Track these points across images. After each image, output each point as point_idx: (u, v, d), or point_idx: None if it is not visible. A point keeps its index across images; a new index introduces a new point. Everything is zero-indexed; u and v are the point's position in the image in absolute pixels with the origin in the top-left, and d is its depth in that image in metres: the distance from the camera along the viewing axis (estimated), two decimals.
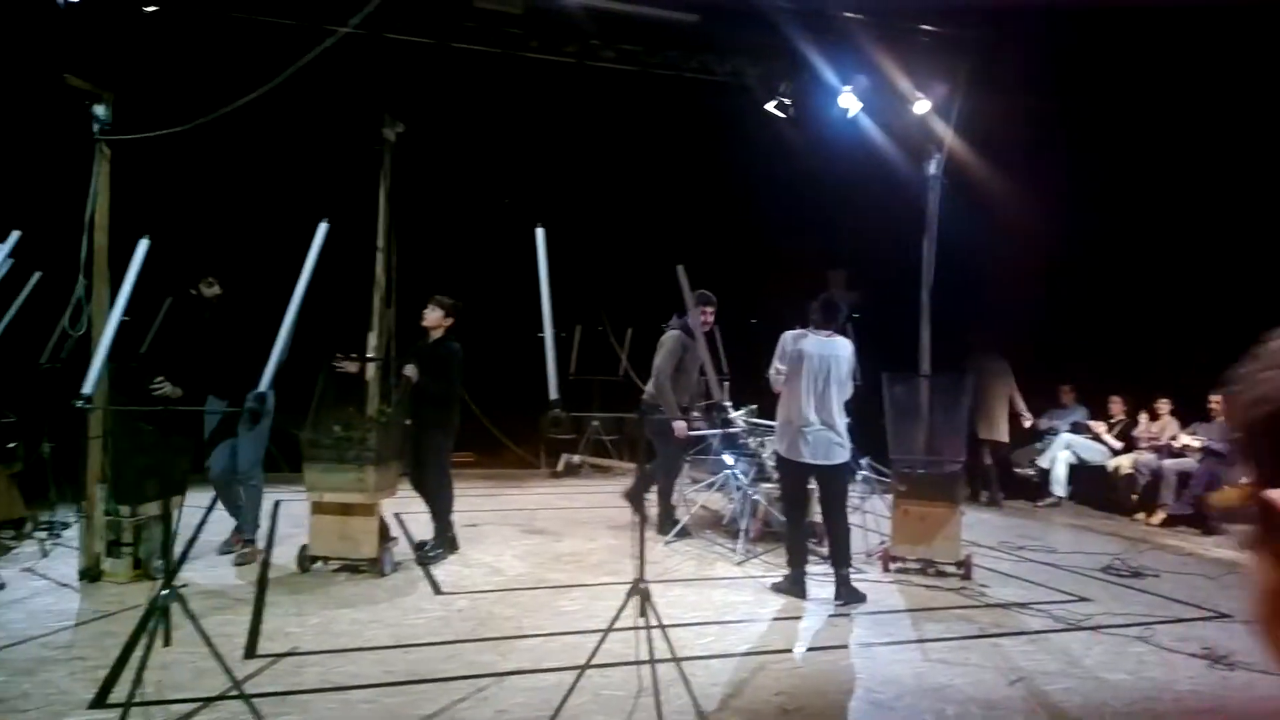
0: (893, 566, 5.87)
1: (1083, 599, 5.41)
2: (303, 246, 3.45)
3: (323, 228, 3.33)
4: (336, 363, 5.77)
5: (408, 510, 6.79)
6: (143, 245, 3.29)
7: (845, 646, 4.46)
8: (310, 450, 5.47)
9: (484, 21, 8.26)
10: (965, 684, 3.96)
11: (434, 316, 6.03)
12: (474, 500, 7.78)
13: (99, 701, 3.48)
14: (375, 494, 5.46)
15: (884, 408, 5.96)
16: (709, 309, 7.07)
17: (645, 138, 10.84)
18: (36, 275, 5.50)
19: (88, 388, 3.07)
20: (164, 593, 3.11)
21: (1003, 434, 8.90)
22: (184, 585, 3.27)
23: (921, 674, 4.06)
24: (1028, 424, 9.06)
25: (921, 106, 8.32)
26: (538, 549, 6.52)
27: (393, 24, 7.77)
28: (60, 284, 5.93)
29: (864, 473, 6.67)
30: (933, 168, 6.23)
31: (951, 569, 5.75)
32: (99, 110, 5.04)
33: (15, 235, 4.28)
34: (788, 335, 5.29)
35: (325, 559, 5.53)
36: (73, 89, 4.98)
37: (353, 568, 5.49)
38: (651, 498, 6.92)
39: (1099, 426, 9.23)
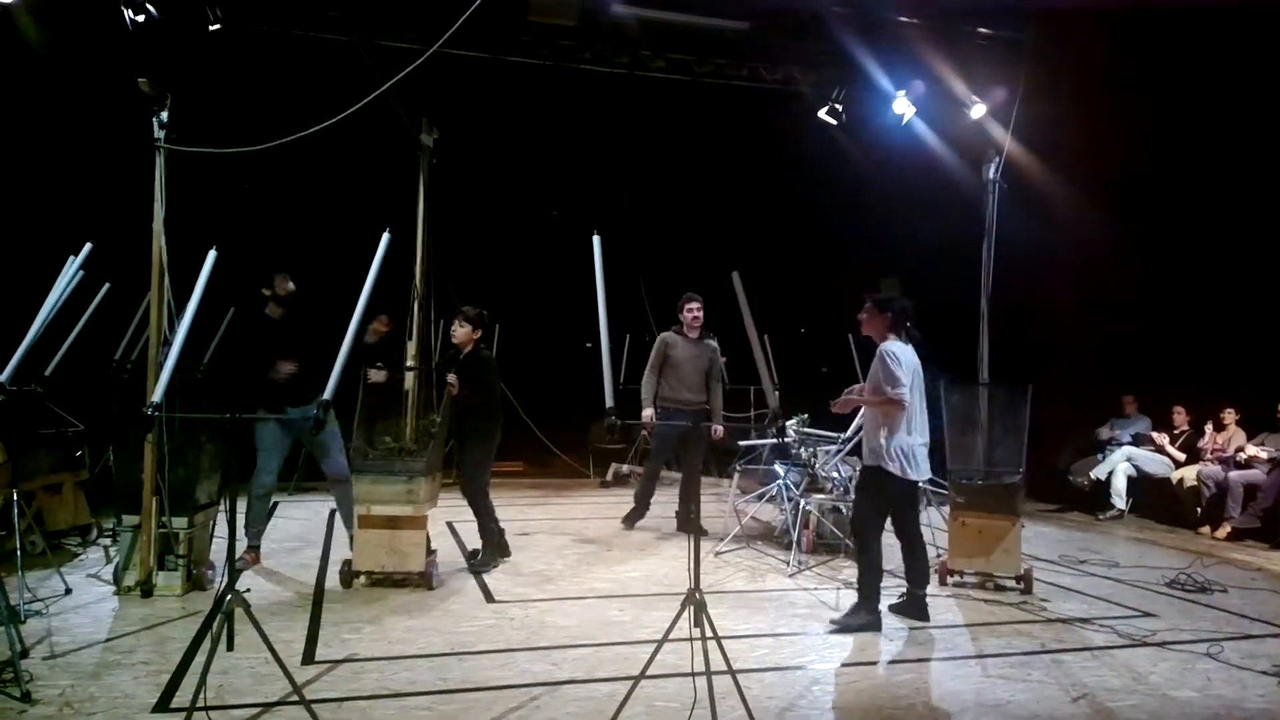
0: (950, 580, 5.76)
1: (1147, 614, 5.25)
2: (351, 254, 3.50)
3: (385, 238, 3.38)
4: (364, 373, 5.77)
5: (460, 519, 6.85)
6: (211, 255, 3.37)
7: (902, 661, 4.38)
8: (359, 462, 5.45)
9: (537, 34, 8.36)
10: (1027, 699, 3.86)
11: (463, 333, 5.95)
12: (524, 509, 7.82)
13: (163, 705, 3.55)
14: (423, 506, 5.43)
15: (941, 417, 5.85)
16: (691, 305, 7.25)
17: (697, 146, 10.85)
18: (105, 286, 5.64)
19: (157, 396, 3.14)
20: (228, 596, 3.16)
21: None
22: (247, 590, 3.32)
23: (982, 690, 3.97)
24: None
25: (978, 110, 8.21)
26: (588, 558, 6.52)
27: (447, 37, 7.91)
28: (129, 294, 6.12)
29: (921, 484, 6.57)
30: (991, 171, 6.11)
31: (1011, 583, 5.62)
32: (161, 117, 5.17)
33: (87, 248, 4.40)
34: (895, 349, 4.85)
35: (370, 573, 5.44)
36: (139, 99, 5.12)
37: (399, 582, 5.44)
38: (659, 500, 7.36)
39: (1162, 438, 8.98)
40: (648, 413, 7.18)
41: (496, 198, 10.96)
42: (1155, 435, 9.05)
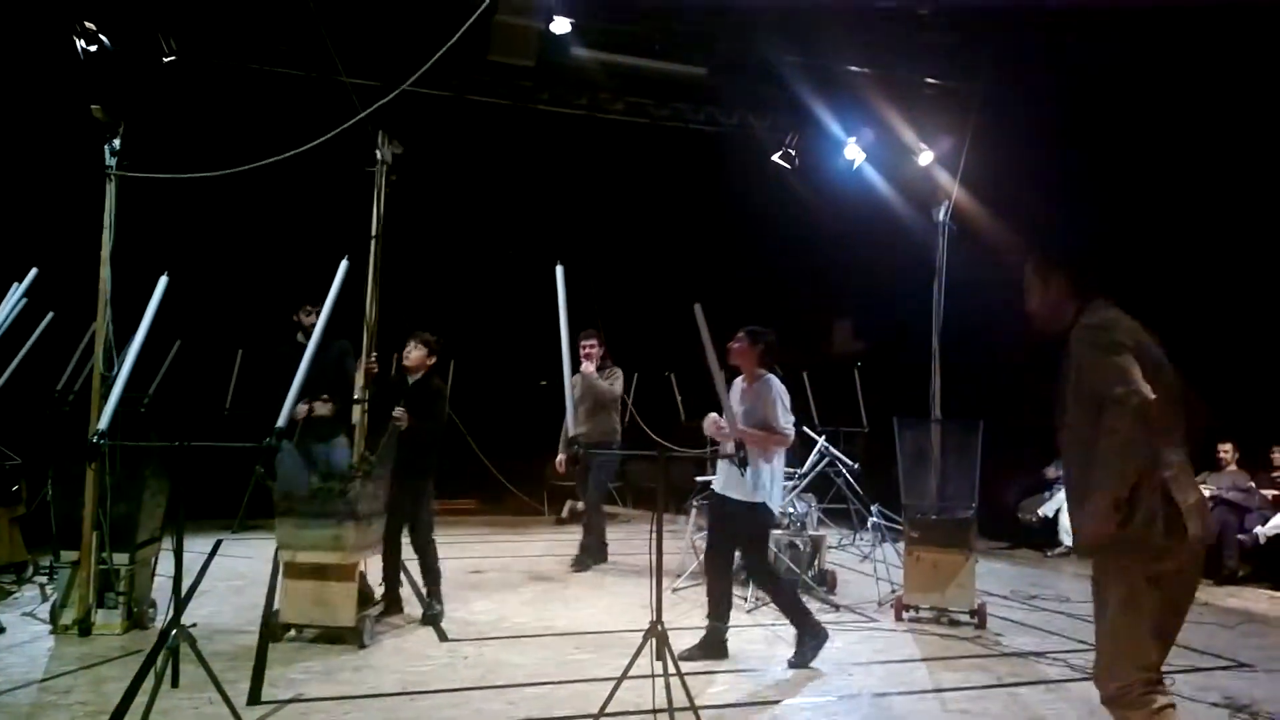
0: (906, 615, 5.78)
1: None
2: (310, 281, 3.45)
3: (344, 265, 3.35)
4: (307, 404, 5.33)
5: (411, 557, 6.70)
6: (162, 282, 3.30)
7: (858, 696, 4.37)
8: (283, 503, 4.90)
9: (496, 74, 8.42)
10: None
11: (418, 355, 5.54)
12: (478, 547, 7.70)
13: None
14: (354, 554, 4.88)
15: (896, 453, 5.93)
16: (585, 343, 7.41)
17: (655, 185, 10.98)
18: (49, 315, 5.49)
19: (103, 424, 3.05)
20: (173, 631, 3.05)
21: None
22: (193, 625, 3.21)
23: None
24: None
25: (926, 158, 8.44)
26: (543, 595, 6.43)
27: (417, 76, 7.95)
28: (73, 323, 5.96)
29: (875, 519, 6.62)
30: (941, 214, 6.28)
31: (965, 617, 5.67)
32: (114, 144, 5.10)
33: (33, 273, 4.29)
34: (779, 384, 4.92)
35: (298, 626, 4.99)
36: (90, 126, 5.05)
37: (331, 637, 4.94)
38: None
39: None
40: (560, 457, 7.43)
41: (455, 233, 10.95)
42: None
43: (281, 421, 3.01)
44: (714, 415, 4.88)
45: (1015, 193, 8.38)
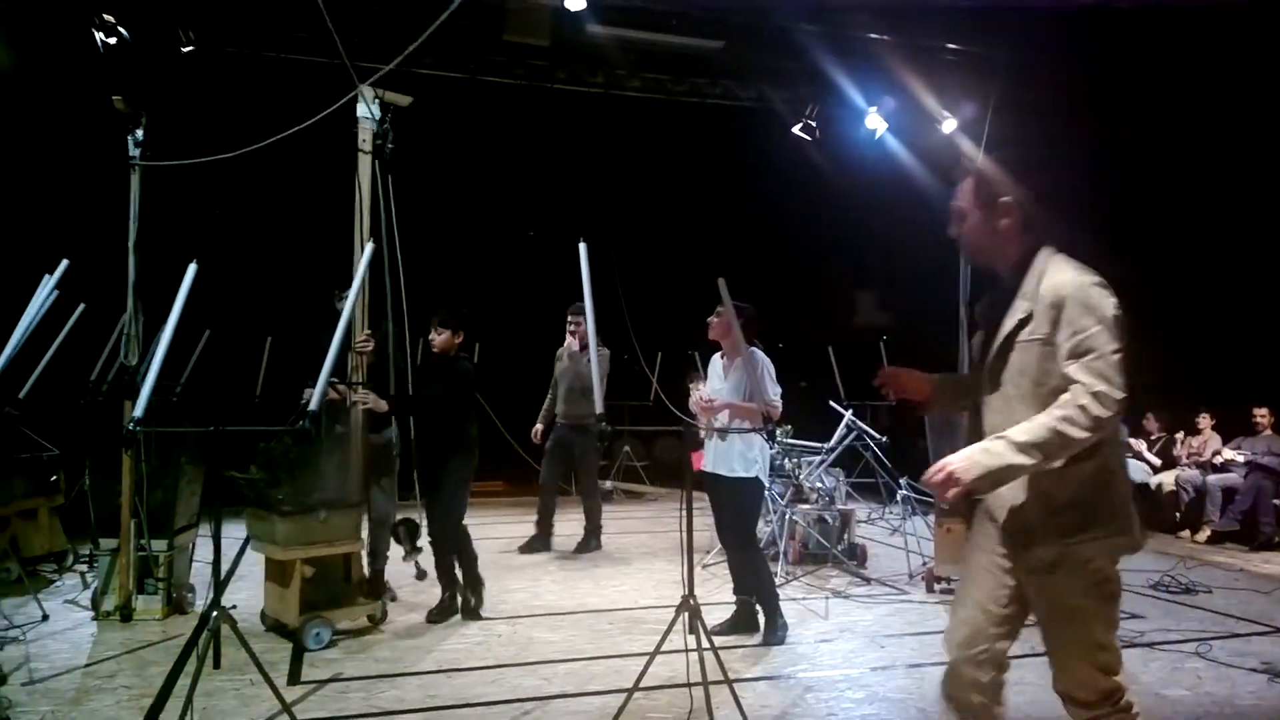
0: (937, 587, 5.77)
1: (1134, 615, 5.28)
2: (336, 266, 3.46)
3: (369, 248, 3.36)
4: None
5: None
6: (191, 270, 3.33)
7: (893, 667, 4.37)
8: (249, 491, 4.73)
9: (511, 54, 8.38)
10: (1022, 702, 3.85)
11: (443, 339, 5.21)
12: (508, 528, 7.75)
13: None
14: (289, 550, 4.55)
15: (924, 427, 5.89)
16: (571, 318, 7.23)
17: (674, 161, 10.91)
18: (80, 307, 5.55)
19: (138, 412, 3.09)
20: (214, 614, 3.10)
21: None
22: (233, 606, 3.26)
23: None
24: None
25: (949, 125, 8.33)
26: (573, 574, 6.48)
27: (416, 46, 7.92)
28: (105, 314, 6.03)
29: (904, 492, 6.59)
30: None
31: None
32: (137, 135, 5.13)
33: (63, 265, 4.34)
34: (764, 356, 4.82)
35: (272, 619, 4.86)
36: (114, 116, 5.08)
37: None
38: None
39: (1139, 444, 9.07)
40: (535, 429, 7.43)
41: (476, 215, 10.96)
42: (1132, 441, 9.13)
43: (314, 405, 3.03)
44: (698, 393, 4.86)
45: (1041, 158, 8.26)
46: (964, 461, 2.23)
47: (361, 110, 5.12)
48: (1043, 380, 2.31)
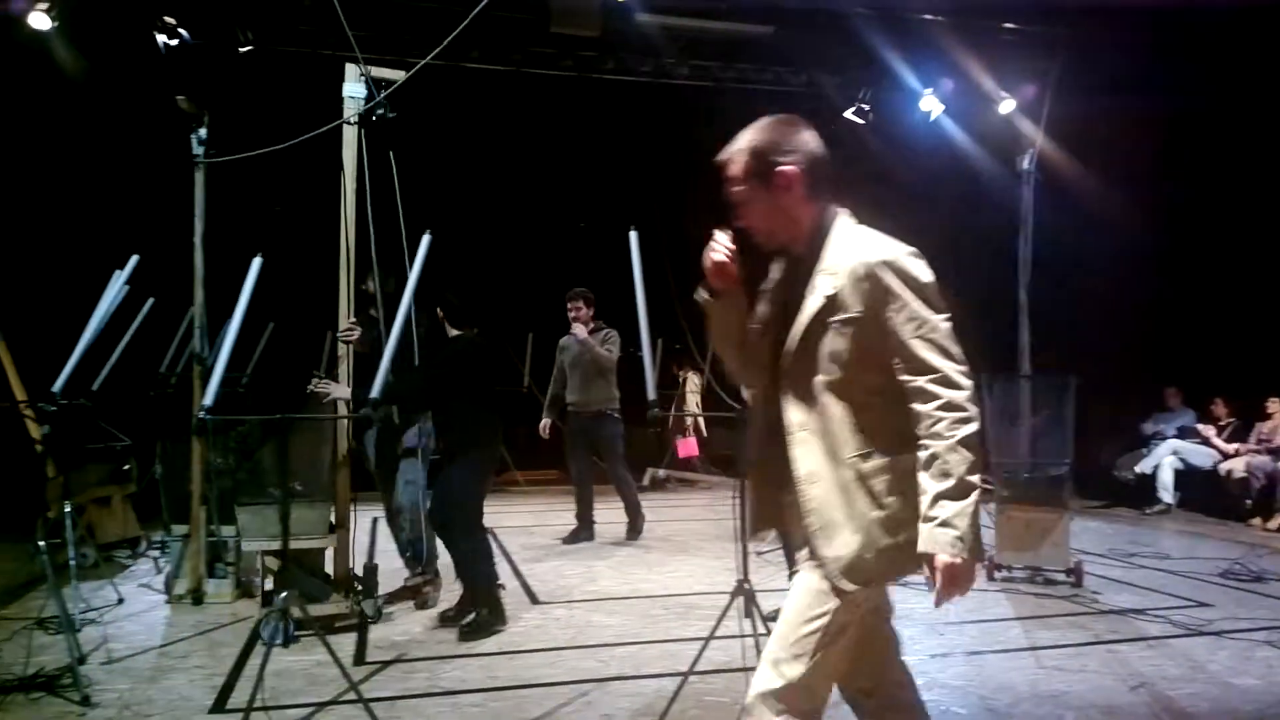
0: (998, 575, 5.68)
1: (1202, 604, 5.15)
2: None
3: (426, 239, 3.42)
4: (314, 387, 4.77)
5: (501, 525, 6.87)
6: (256, 263, 3.42)
7: (952, 654, 4.33)
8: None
9: (560, 45, 8.41)
10: (1084, 690, 3.79)
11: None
12: (561, 514, 7.81)
13: (219, 706, 3.59)
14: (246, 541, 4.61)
15: (983, 411, 5.79)
16: (570, 305, 7.09)
17: (717, 148, 10.84)
18: (150, 302, 5.73)
19: (208, 400, 3.19)
20: (283, 594, 3.19)
21: None
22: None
23: (1036, 681, 3.91)
24: None
25: (1007, 106, 8.15)
26: (628, 560, 6.52)
27: (469, 52, 7.99)
28: (173, 308, 6.22)
29: None
30: (1025, 162, 6.06)
31: (1060, 576, 5.54)
32: (200, 133, 5.27)
33: (134, 260, 4.48)
34: None
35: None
36: (178, 116, 5.23)
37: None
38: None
39: (1208, 430, 8.82)
40: (543, 424, 7.29)
41: (526, 207, 11.03)
42: (1201, 427, 8.89)
43: (375, 392, 3.10)
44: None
45: (1104, 138, 8.05)
46: (949, 558, 1.89)
47: (348, 89, 5.16)
48: (860, 363, 2.02)
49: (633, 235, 3.53)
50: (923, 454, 1.94)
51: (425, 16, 7.26)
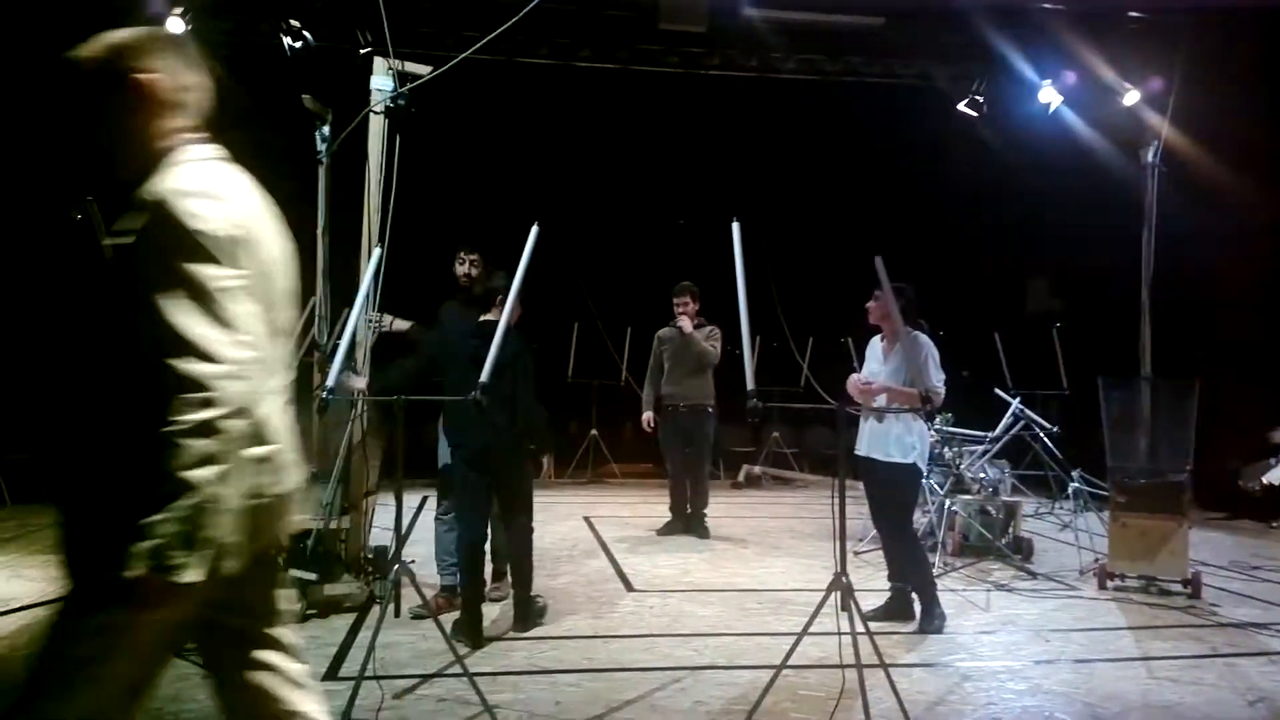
0: (1110, 584, 5.47)
1: None
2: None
3: (534, 231, 3.52)
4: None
5: (596, 515, 6.99)
6: (376, 254, 3.59)
7: (1059, 661, 4.20)
8: None
9: (666, 41, 8.47)
10: (1198, 702, 3.64)
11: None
12: (655, 507, 7.88)
13: (332, 674, 3.79)
14: None
15: (1101, 415, 5.56)
16: (677, 299, 7.05)
17: (830, 143, 10.70)
18: None
19: (330, 382, 3.37)
20: (395, 567, 3.35)
21: None
22: (412, 561, 3.52)
23: (1148, 691, 3.77)
24: None
25: (1131, 97, 7.79)
26: (723, 555, 6.55)
27: (578, 50, 8.13)
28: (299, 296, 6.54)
29: (1076, 485, 6.28)
30: (1150, 155, 5.78)
31: (1176, 587, 5.30)
32: (323, 131, 5.53)
33: None
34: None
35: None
36: (303, 115, 5.51)
37: None
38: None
39: None
40: (645, 416, 7.26)
41: (628, 203, 11.14)
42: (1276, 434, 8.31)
43: (485, 376, 3.23)
44: (855, 375, 4.77)
45: (1234, 128, 7.62)
46: None
47: (376, 82, 5.43)
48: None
49: (735, 227, 3.54)
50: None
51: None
